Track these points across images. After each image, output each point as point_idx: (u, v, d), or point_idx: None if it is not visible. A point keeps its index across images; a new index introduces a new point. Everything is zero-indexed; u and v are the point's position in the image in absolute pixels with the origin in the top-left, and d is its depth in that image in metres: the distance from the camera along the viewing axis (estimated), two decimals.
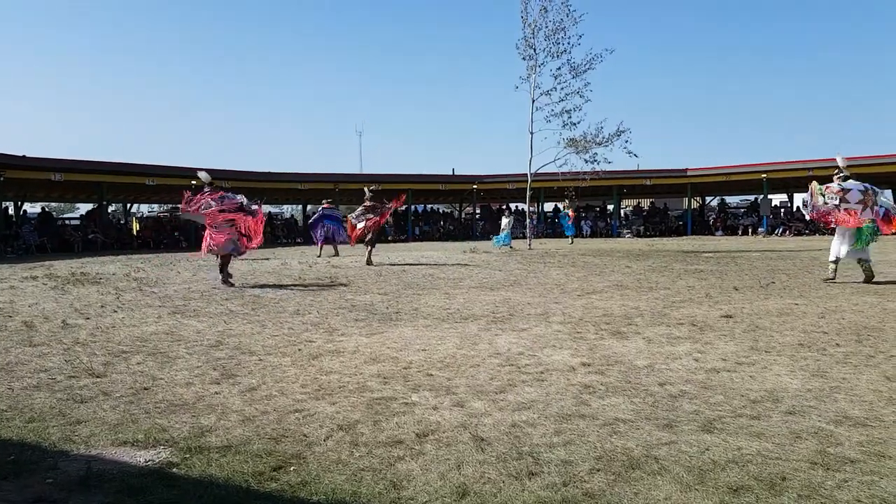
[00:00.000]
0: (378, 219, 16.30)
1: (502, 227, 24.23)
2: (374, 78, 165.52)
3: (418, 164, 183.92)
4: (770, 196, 36.52)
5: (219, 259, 11.91)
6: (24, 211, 31.63)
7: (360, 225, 16.32)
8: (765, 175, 33.53)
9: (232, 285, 11.50)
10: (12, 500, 3.00)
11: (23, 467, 3.34)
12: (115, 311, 8.52)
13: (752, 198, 39.45)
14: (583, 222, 36.41)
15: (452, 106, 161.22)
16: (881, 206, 10.97)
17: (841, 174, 11.29)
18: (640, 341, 6.19)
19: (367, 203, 16.51)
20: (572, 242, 27.67)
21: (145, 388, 4.76)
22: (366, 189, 17.36)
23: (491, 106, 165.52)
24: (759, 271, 13.06)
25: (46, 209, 32.00)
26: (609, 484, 3.05)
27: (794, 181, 34.66)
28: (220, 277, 11.77)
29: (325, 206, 21.25)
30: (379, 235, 17.11)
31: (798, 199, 44.49)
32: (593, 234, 36.04)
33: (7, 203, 28.65)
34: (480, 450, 3.48)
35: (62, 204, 50.44)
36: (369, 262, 15.77)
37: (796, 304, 8.41)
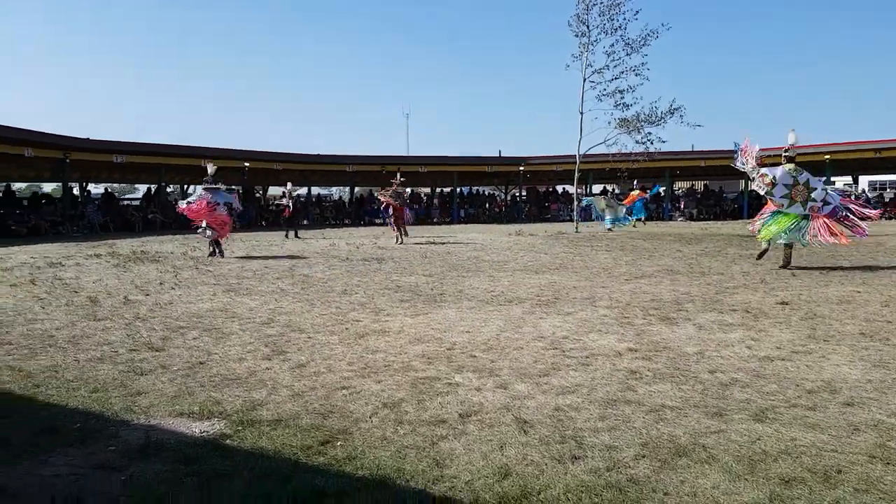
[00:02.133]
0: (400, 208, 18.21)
1: (599, 208, 23.52)
2: (421, 59, 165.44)
3: (465, 146, 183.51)
4: (833, 179, 35.10)
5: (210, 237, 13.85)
6: (88, 191, 32.77)
7: (390, 208, 18.27)
8: (828, 156, 32.21)
9: (222, 255, 13.55)
10: (78, 465, 3.15)
11: (87, 435, 3.50)
12: (173, 289, 8.81)
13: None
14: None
15: (500, 87, 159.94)
16: (827, 203, 10.24)
17: (787, 153, 10.63)
18: (690, 327, 6.07)
19: (395, 191, 18.38)
20: (643, 225, 25.75)
21: (201, 363, 4.93)
22: (398, 173, 18.66)
23: (540, 86, 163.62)
24: (820, 257, 12.61)
25: (109, 190, 33.09)
26: (654, 471, 3.02)
27: (860, 163, 33.19)
28: (210, 251, 13.79)
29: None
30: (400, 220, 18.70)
31: (863, 181, 42.68)
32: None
33: (72, 184, 29.76)
34: (523, 432, 3.48)
35: (123, 185, 52.19)
36: (401, 242, 17.42)
37: (858, 292, 8.10)
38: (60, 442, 3.41)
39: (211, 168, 14.50)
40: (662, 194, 31.69)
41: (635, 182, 25.38)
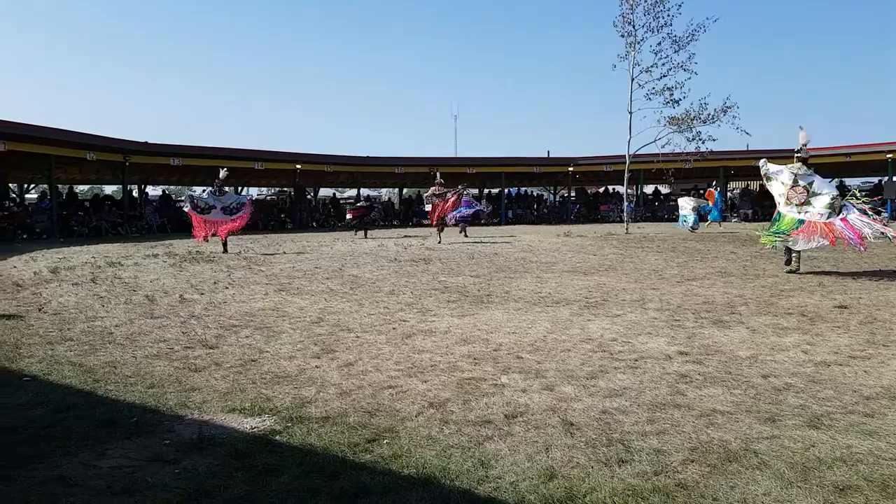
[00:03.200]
0: (444, 203, 18.46)
1: (681, 206, 23.07)
2: (470, 61, 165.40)
3: (513, 147, 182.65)
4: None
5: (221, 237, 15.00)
6: (147, 193, 33.90)
7: (428, 207, 18.75)
8: (890, 155, 30.95)
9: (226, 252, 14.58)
10: (134, 457, 3.27)
11: (143, 429, 3.63)
12: (227, 288, 9.04)
13: (875, 180, 36.51)
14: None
15: (548, 88, 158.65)
16: (848, 210, 9.45)
17: (799, 153, 9.94)
18: (743, 331, 5.93)
19: (437, 189, 18.67)
20: (719, 227, 24.14)
21: (252, 360, 5.05)
22: (437, 173, 18.90)
23: (588, 87, 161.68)
24: (881, 259, 12.13)
25: (166, 192, 34.16)
26: (703, 476, 2.96)
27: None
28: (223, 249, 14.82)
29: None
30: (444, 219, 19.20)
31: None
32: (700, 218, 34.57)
33: (132, 186, 30.82)
34: (569, 434, 3.46)
35: (180, 187, 53.76)
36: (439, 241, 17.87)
37: None
38: (118, 435, 3.55)
39: (223, 173, 15.31)
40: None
41: (713, 182, 24.77)
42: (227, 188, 15.86)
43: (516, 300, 7.88)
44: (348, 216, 23.49)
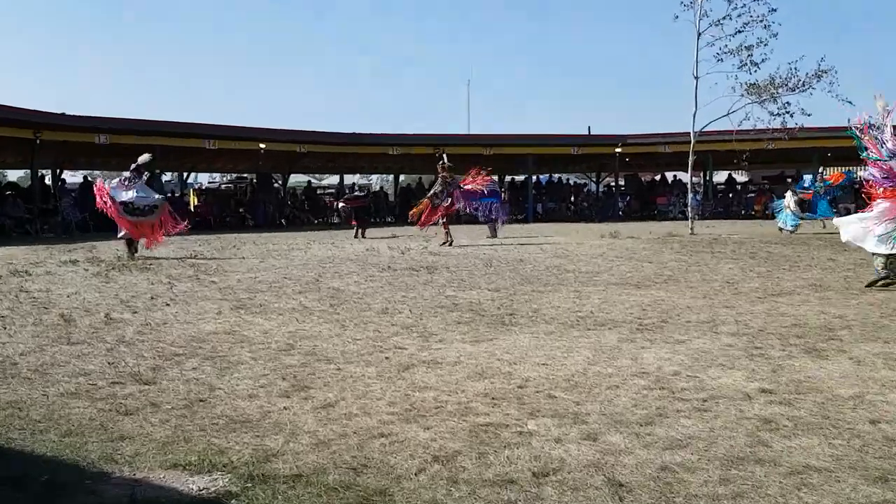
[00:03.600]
0: (449, 206, 19.01)
1: (785, 203, 22.95)
2: (487, 5, 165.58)
3: (543, 123, 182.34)
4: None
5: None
6: (64, 181, 33.75)
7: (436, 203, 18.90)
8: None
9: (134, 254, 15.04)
10: None
11: (57, 491, 3.63)
12: (168, 305, 9.07)
13: None
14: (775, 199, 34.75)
15: (589, 43, 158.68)
16: None
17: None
18: (845, 362, 5.91)
19: (442, 176, 19.17)
20: (824, 227, 22.96)
21: (201, 400, 5.05)
22: (444, 155, 19.00)
23: (641, 42, 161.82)
24: None
25: (89, 178, 34.16)
26: None
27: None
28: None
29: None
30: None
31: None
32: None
33: (43, 171, 30.69)
34: (618, 498, 3.45)
35: (106, 172, 53.95)
36: (449, 244, 18.02)
37: None
38: (22, 500, 3.54)
39: (144, 157, 15.59)
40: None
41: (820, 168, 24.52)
42: (145, 174, 15.96)
43: (548, 321, 7.86)
44: (340, 205, 23.64)
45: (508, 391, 5.19)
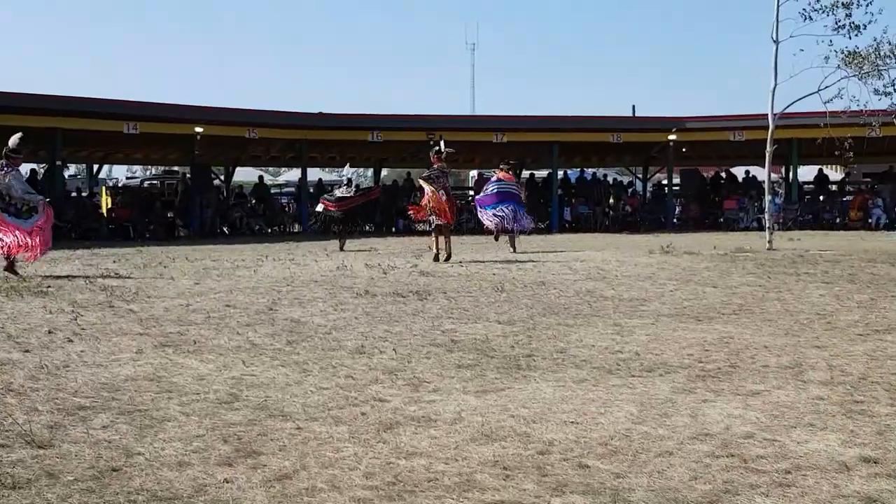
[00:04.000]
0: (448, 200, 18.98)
1: None
2: None
3: (571, 101, 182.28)
4: None
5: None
6: None
7: (428, 191, 18.95)
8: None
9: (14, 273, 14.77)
10: None
11: None
12: (71, 341, 8.99)
13: None
14: (871, 202, 34.85)
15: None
16: None
17: None
18: None
19: (437, 164, 19.20)
20: None
21: (114, 469, 4.97)
22: (442, 141, 19.33)
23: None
24: None
25: None
26: None
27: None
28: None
29: (499, 175, 22.32)
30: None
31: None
32: (893, 224, 34.48)
33: None
34: None
35: None
36: (447, 258, 18.37)
37: None
38: None
39: (14, 139, 15.44)
40: None
41: None
42: (19, 162, 15.77)
43: (578, 365, 7.83)
44: (329, 210, 23.18)
45: (525, 459, 5.13)
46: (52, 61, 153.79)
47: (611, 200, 39.38)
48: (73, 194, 34.87)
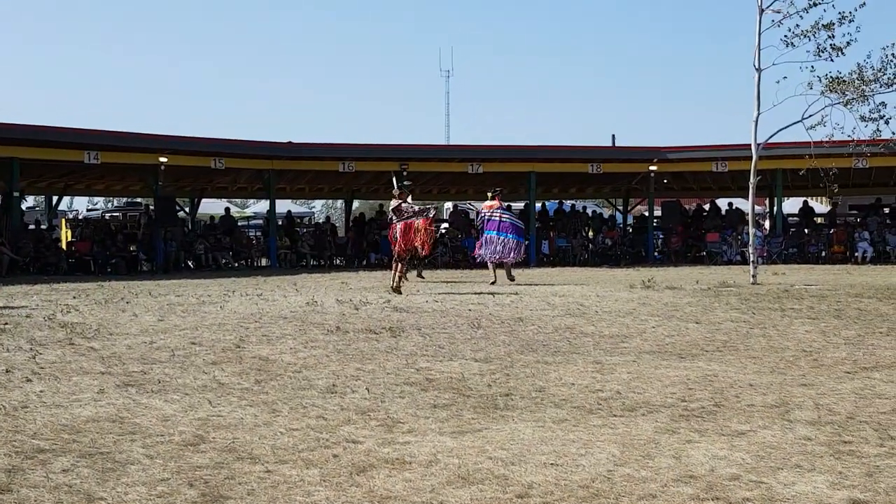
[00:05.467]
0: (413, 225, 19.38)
1: None
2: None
3: (549, 131, 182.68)
4: None
5: None
6: None
7: (399, 224, 19.30)
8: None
9: None
10: None
11: None
12: (29, 381, 8.96)
13: None
14: (857, 235, 35.10)
15: (606, 22, 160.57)
16: None
17: None
18: None
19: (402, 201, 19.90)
20: None
21: None
22: (405, 172, 19.64)
23: (681, 21, 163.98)
24: None
25: None
26: None
27: None
28: None
29: (492, 204, 22.64)
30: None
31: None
32: (878, 258, 34.73)
33: None
34: None
35: None
36: (397, 290, 18.88)
37: None
38: None
39: None
40: None
41: None
42: None
43: (557, 405, 7.86)
44: (444, 227, 23.63)
45: (504, 502, 5.16)
46: (8, 88, 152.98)
47: (590, 233, 39.53)
48: (32, 227, 34.59)
